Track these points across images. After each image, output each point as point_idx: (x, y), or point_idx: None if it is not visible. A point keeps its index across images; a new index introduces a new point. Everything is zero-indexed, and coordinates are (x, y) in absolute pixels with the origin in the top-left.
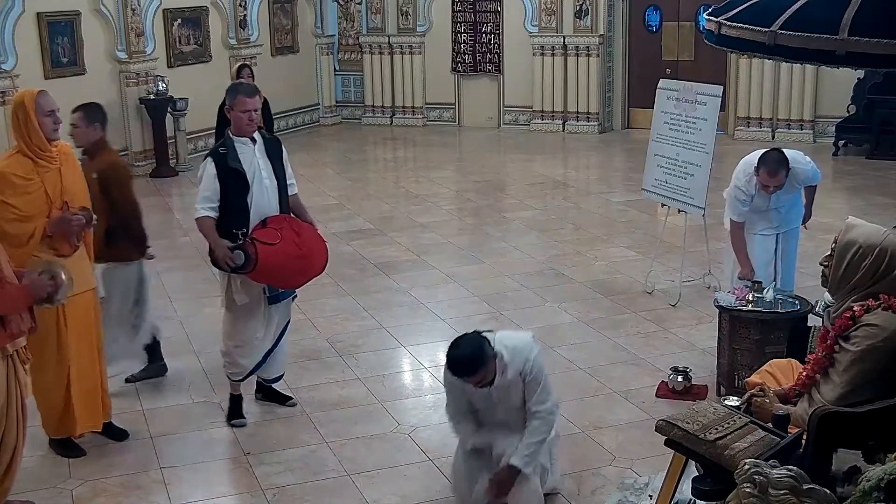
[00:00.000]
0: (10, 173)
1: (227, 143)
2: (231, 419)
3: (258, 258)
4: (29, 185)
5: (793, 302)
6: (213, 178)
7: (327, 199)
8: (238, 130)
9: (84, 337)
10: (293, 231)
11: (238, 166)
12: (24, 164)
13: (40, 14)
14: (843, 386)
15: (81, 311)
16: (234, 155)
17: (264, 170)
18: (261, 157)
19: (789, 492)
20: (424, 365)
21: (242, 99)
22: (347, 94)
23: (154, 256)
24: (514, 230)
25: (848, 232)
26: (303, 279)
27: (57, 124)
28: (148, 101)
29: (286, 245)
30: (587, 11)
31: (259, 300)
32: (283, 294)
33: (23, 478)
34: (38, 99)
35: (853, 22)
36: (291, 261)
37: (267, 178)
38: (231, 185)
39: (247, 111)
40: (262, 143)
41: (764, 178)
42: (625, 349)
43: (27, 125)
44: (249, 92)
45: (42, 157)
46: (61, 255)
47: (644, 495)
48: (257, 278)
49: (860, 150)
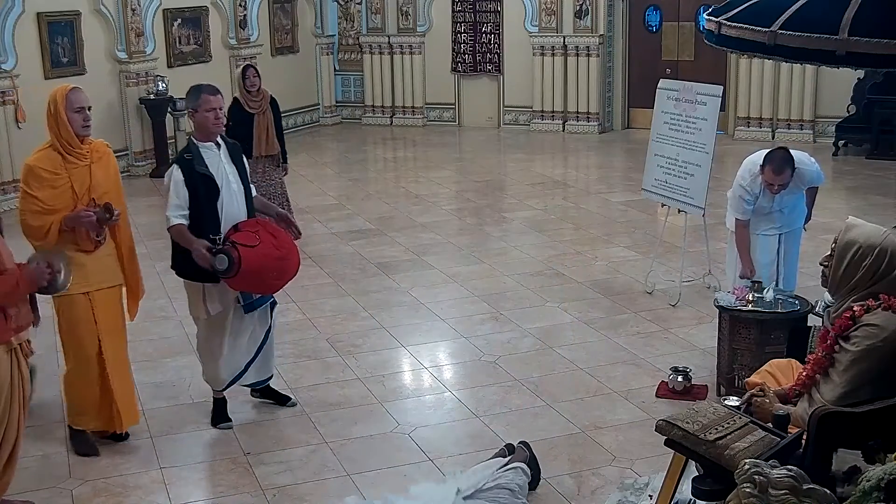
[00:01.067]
0: (38, 167)
1: (191, 148)
2: (217, 422)
3: (241, 261)
4: (56, 179)
5: (793, 302)
6: (181, 184)
7: (327, 199)
8: (204, 133)
9: (114, 332)
10: (269, 233)
11: (206, 171)
12: (53, 158)
13: (40, 14)
14: (843, 386)
15: (111, 305)
16: (200, 160)
17: (231, 175)
18: (226, 161)
19: (789, 492)
20: (424, 365)
21: (206, 97)
22: (347, 94)
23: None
24: (514, 230)
25: (848, 232)
26: (281, 282)
27: (87, 122)
28: (148, 101)
29: (266, 247)
30: (587, 11)
31: (231, 309)
32: (258, 301)
33: (23, 477)
34: (69, 95)
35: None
36: (271, 262)
37: (234, 183)
38: (201, 191)
39: (212, 109)
40: (225, 147)
41: (769, 176)
42: (625, 349)
43: (57, 120)
44: (212, 90)
45: (71, 152)
46: (83, 250)
47: (644, 495)
48: (238, 283)
49: (860, 150)
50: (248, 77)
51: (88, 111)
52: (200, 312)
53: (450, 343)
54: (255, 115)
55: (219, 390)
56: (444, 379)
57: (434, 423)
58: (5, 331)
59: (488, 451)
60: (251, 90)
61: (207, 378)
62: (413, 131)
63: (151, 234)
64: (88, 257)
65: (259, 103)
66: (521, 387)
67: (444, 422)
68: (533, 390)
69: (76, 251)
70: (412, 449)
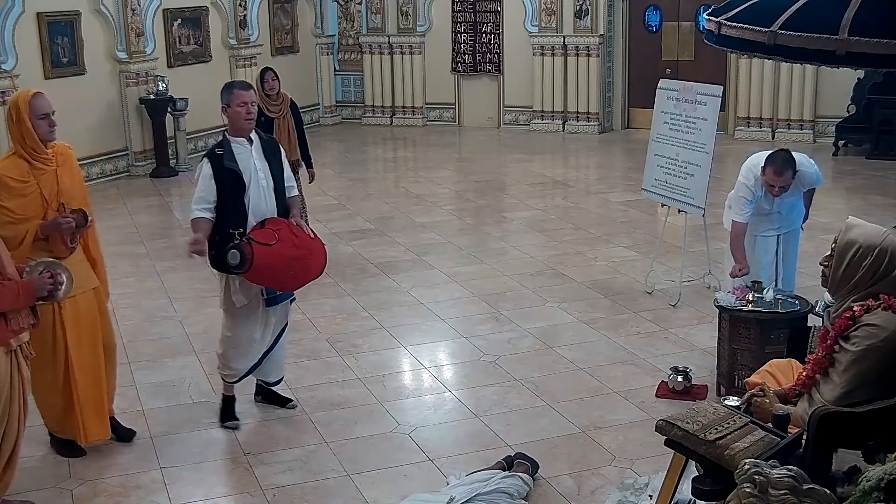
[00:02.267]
0: (6, 176)
1: (223, 143)
2: (224, 420)
3: (254, 258)
4: (24, 187)
5: (793, 302)
6: (209, 179)
7: (327, 199)
8: (237, 127)
9: (87, 339)
10: (291, 233)
11: (235, 167)
12: (19, 166)
13: (40, 14)
14: (843, 386)
15: (82, 312)
16: (230, 156)
17: (261, 170)
18: (258, 157)
19: (789, 492)
20: (424, 365)
21: (238, 92)
22: (347, 94)
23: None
24: (514, 230)
25: (848, 232)
26: (299, 282)
27: (52, 127)
28: (148, 101)
29: (283, 246)
30: (587, 11)
31: (257, 302)
32: (281, 297)
33: (23, 478)
34: (31, 101)
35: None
36: (288, 262)
37: (264, 179)
38: (228, 186)
39: (244, 104)
40: (258, 143)
41: (770, 178)
42: (625, 349)
43: (21, 127)
44: (244, 86)
45: (38, 158)
46: (57, 256)
47: (644, 495)
48: (253, 279)
49: (860, 150)
50: (266, 81)
51: (53, 116)
52: (226, 303)
53: (450, 343)
54: (275, 119)
55: (231, 383)
56: (444, 379)
57: (434, 423)
58: (5, 333)
59: (488, 451)
60: (270, 94)
61: (223, 369)
62: (413, 131)
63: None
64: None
65: (279, 107)
66: (521, 387)
67: (444, 422)
68: (533, 390)
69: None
70: (412, 449)
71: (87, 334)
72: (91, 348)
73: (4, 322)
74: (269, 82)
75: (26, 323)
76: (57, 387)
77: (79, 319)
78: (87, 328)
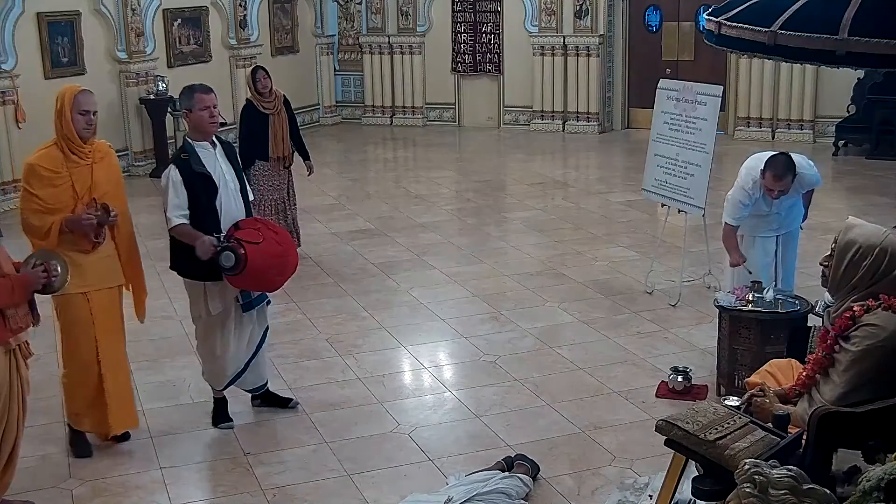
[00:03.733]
0: (39, 165)
1: (187, 148)
2: (218, 422)
3: (248, 258)
4: (56, 178)
5: (793, 302)
6: (179, 185)
7: (327, 199)
8: (201, 131)
9: (112, 333)
10: (270, 230)
11: (203, 170)
12: (54, 156)
13: (40, 14)
14: (843, 386)
15: (109, 306)
16: (197, 160)
17: (227, 173)
18: (222, 160)
19: (789, 492)
20: (424, 365)
21: (200, 96)
22: (347, 94)
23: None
24: (514, 230)
25: (848, 232)
26: (282, 279)
27: (89, 125)
28: (148, 101)
29: (269, 244)
30: (587, 11)
31: (231, 308)
32: (256, 300)
33: (23, 478)
34: (77, 96)
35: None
36: (274, 259)
37: (231, 182)
38: (199, 191)
39: (207, 108)
40: (220, 147)
41: (769, 182)
42: (625, 349)
43: (61, 117)
44: (205, 89)
45: (74, 150)
46: (81, 250)
47: (644, 495)
48: (241, 281)
49: (860, 150)
50: (258, 80)
51: (93, 115)
52: (202, 311)
53: (450, 343)
54: (269, 116)
55: (219, 390)
56: (444, 379)
57: (434, 423)
58: (4, 332)
59: (488, 451)
60: (263, 92)
61: (208, 377)
62: (413, 131)
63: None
64: (87, 258)
65: (273, 104)
66: (521, 387)
67: (444, 422)
68: (533, 390)
69: (75, 251)
70: (412, 449)
71: (113, 328)
72: (117, 342)
73: (3, 321)
74: (261, 81)
75: (25, 322)
76: (90, 381)
77: (106, 314)
78: (112, 322)
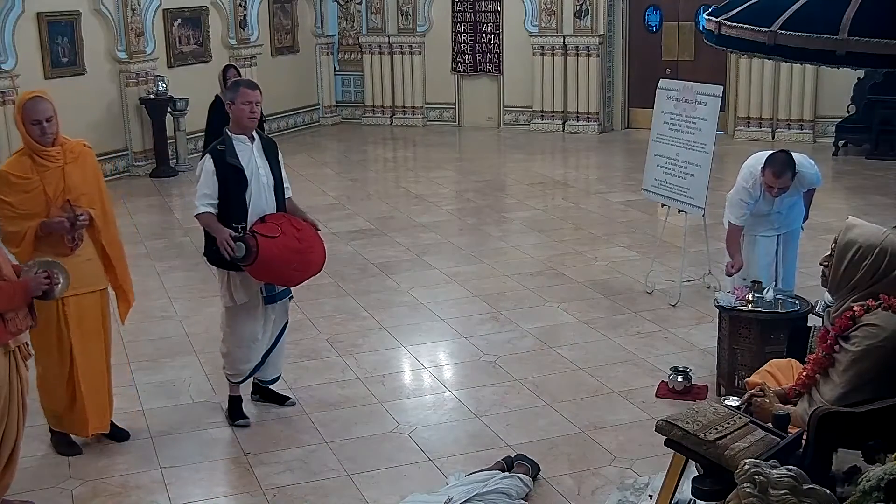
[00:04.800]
0: (9, 172)
1: (225, 140)
2: (234, 420)
3: (259, 250)
4: (27, 183)
5: (793, 302)
6: (211, 174)
7: (327, 199)
8: (239, 125)
9: (93, 336)
10: (293, 227)
11: (237, 163)
12: (23, 163)
13: (40, 14)
14: (843, 386)
15: (88, 310)
16: (232, 152)
17: (262, 168)
18: (258, 155)
19: (789, 492)
20: (424, 365)
21: (244, 90)
22: (347, 94)
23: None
24: (514, 230)
25: (848, 232)
26: (301, 276)
27: (45, 133)
28: (148, 101)
29: (286, 239)
30: (587, 11)
31: (257, 299)
32: (280, 294)
33: (23, 478)
34: (26, 105)
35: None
36: (291, 255)
37: (265, 177)
38: (230, 182)
39: (249, 103)
40: (259, 142)
41: (769, 179)
42: (625, 349)
43: (18, 128)
44: (251, 85)
45: (41, 155)
46: (60, 254)
47: (644, 495)
48: (256, 272)
49: (860, 150)
50: (228, 78)
51: (47, 123)
52: (227, 300)
53: (450, 343)
54: None
55: (236, 383)
56: (444, 379)
57: (434, 423)
58: (3, 334)
59: (488, 451)
60: None
61: (229, 368)
62: (413, 131)
63: (151, 234)
64: (65, 261)
65: None
66: (521, 387)
67: (444, 422)
68: (533, 390)
69: (53, 255)
70: (412, 449)
71: (92, 332)
72: (96, 347)
73: (2, 323)
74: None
75: (24, 324)
76: (62, 383)
77: (83, 317)
78: (92, 326)
